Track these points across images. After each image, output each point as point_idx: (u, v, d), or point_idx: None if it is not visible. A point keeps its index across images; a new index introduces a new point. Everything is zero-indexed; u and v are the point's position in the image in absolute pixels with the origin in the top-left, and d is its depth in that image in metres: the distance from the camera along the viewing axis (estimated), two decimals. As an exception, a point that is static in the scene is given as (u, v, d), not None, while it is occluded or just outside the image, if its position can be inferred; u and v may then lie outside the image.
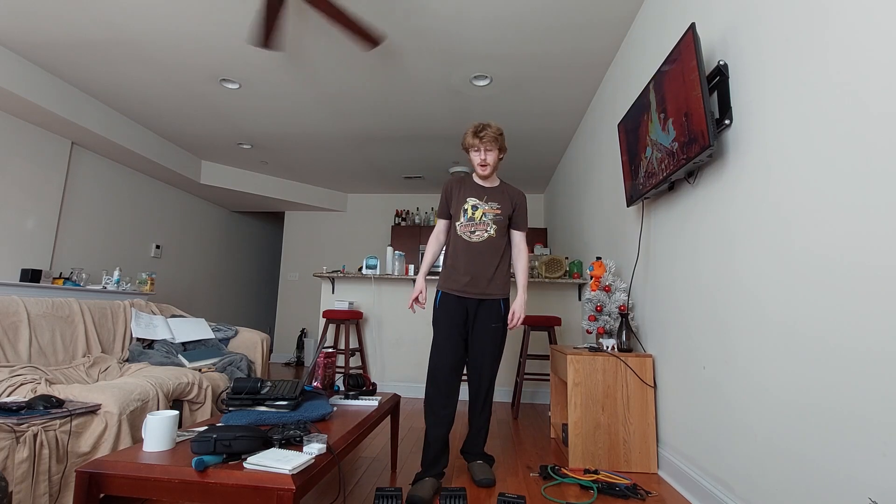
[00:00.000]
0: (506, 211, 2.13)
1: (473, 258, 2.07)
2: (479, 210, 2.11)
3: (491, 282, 2.07)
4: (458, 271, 2.08)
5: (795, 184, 1.37)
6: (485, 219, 2.10)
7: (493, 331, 2.07)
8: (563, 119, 4.20)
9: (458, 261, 2.09)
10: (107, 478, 1.15)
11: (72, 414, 1.63)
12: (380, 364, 4.10)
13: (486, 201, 2.12)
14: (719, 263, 1.78)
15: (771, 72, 1.50)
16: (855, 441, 1.12)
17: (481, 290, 2.07)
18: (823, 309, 1.24)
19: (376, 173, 6.05)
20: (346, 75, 3.54)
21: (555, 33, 2.94)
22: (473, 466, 2.08)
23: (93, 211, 4.53)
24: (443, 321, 2.06)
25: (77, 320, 2.43)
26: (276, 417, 1.53)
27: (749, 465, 1.54)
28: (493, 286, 2.08)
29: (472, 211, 2.11)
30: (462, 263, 2.07)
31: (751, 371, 1.55)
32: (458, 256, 2.09)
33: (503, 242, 2.13)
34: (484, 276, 2.07)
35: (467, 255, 2.08)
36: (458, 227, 2.12)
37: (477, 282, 2.06)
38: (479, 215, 2.10)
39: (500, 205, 2.12)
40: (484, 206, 2.11)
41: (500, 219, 2.11)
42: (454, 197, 2.17)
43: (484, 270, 2.07)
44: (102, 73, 3.59)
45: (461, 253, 2.09)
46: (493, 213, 2.10)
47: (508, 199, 2.15)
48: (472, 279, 2.06)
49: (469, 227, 2.10)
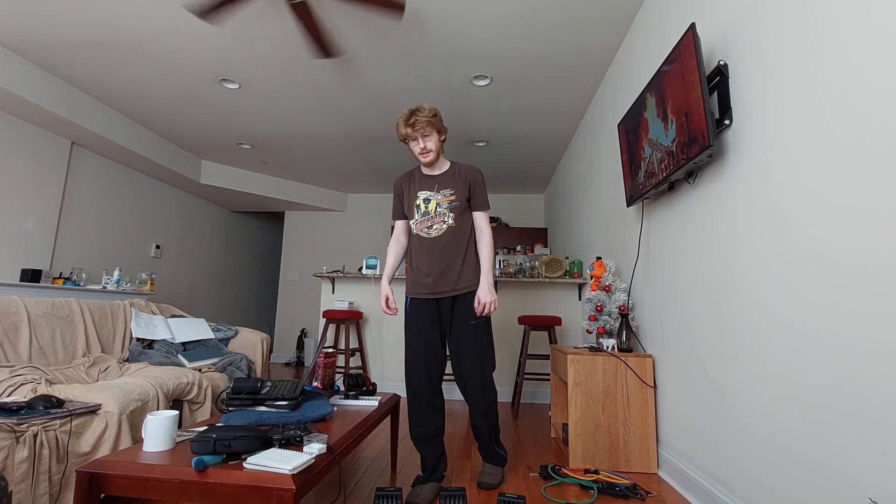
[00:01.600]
0: (461, 194, 1.95)
1: (435, 255, 1.92)
2: (431, 202, 1.95)
3: (461, 275, 1.93)
4: (422, 272, 1.94)
5: (795, 184, 1.37)
6: (440, 209, 1.93)
7: (473, 328, 1.91)
8: (563, 119, 4.20)
9: (420, 261, 1.96)
10: (107, 478, 1.15)
11: (72, 414, 1.63)
12: (380, 364, 4.10)
13: (438, 190, 1.96)
14: (719, 263, 1.78)
15: (771, 72, 1.50)
16: (855, 441, 1.12)
17: (451, 286, 1.92)
18: (823, 309, 1.24)
19: (376, 173, 6.05)
20: (345, 75, 3.54)
21: (555, 33, 2.94)
22: (483, 467, 2.05)
23: (93, 211, 4.53)
24: (413, 330, 1.93)
25: (77, 320, 2.43)
26: (276, 417, 1.52)
27: (749, 465, 1.54)
28: (463, 279, 1.93)
29: (424, 205, 1.95)
30: (425, 263, 1.94)
31: (751, 371, 1.55)
32: (420, 256, 1.96)
33: (467, 228, 1.97)
34: (452, 271, 1.92)
35: (428, 253, 1.94)
36: (413, 226, 1.99)
37: (445, 279, 1.92)
38: (433, 207, 1.94)
39: (453, 190, 1.95)
40: (437, 196, 1.95)
41: (457, 204, 1.94)
42: (405, 194, 2.03)
43: (450, 265, 1.92)
44: (102, 73, 3.59)
45: (422, 252, 1.95)
46: (447, 201, 1.94)
47: (462, 180, 1.97)
48: (439, 277, 1.92)
49: (425, 222, 1.95)
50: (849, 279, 1.15)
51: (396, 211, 2.08)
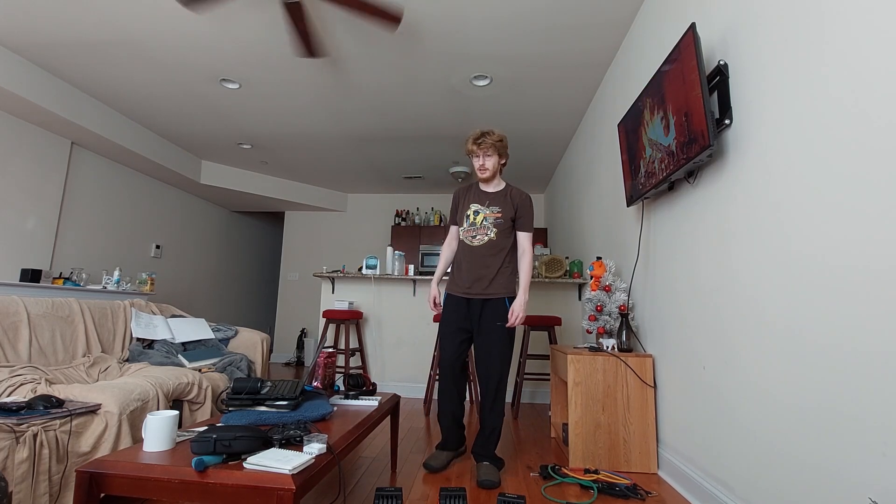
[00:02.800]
0: (507, 213, 2.20)
1: (474, 261, 2.19)
2: (480, 215, 2.22)
3: (492, 282, 2.17)
4: (461, 275, 2.22)
5: (795, 184, 1.37)
6: (485, 223, 2.21)
7: (497, 329, 2.13)
8: (563, 119, 4.20)
9: (461, 264, 2.24)
10: (107, 478, 1.15)
11: (72, 414, 1.63)
12: (380, 364, 4.10)
13: (488, 206, 2.23)
14: (719, 263, 1.78)
15: (771, 72, 1.50)
16: (855, 441, 1.12)
17: (483, 290, 2.17)
18: (822, 309, 1.24)
19: (376, 173, 6.05)
20: (346, 75, 3.54)
21: (555, 33, 2.94)
22: (480, 467, 2.08)
23: (93, 211, 4.53)
24: (445, 320, 2.24)
25: (77, 320, 2.43)
26: (276, 417, 1.53)
27: (749, 465, 1.54)
28: (494, 286, 2.17)
29: (473, 216, 2.23)
30: (465, 267, 2.21)
31: (751, 371, 1.55)
32: (462, 260, 2.24)
33: (507, 244, 2.21)
34: (486, 278, 2.17)
35: (469, 259, 2.21)
36: (461, 233, 2.27)
37: (479, 283, 2.17)
38: (480, 220, 2.22)
39: (500, 208, 2.21)
40: (485, 211, 2.22)
41: (501, 221, 2.19)
42: (460, 204, 2.32)
43: (485, 272, 2.17)
44: (102, 73, 3.59)
45: (463, 257, 2.23)
46: (493, 217, 2.20)
47: (510, 202, 2.22)
48: (475, 281, 2.18)
49: (470, 231, 2.23)
50: (847, 280, 1.15)
51: (451, 217, 2.39)
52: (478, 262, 2.19)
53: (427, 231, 6.47)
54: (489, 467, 2.06)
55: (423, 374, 4.03)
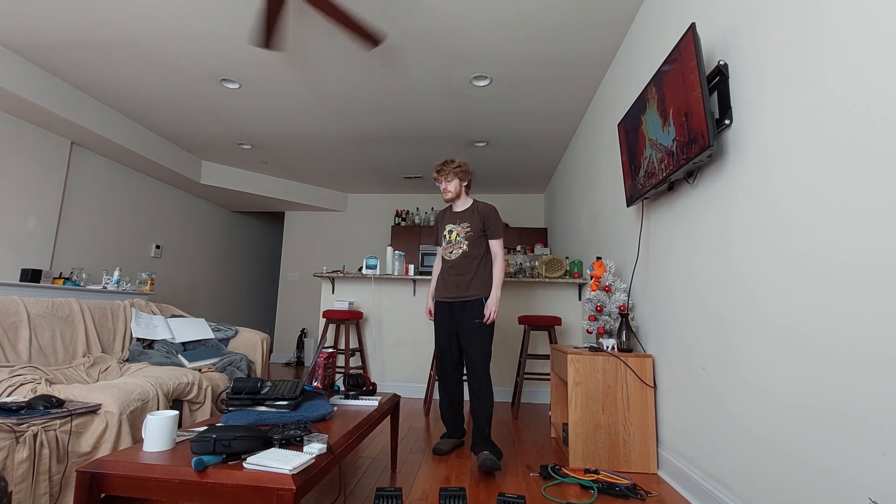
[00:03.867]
0: (476, 226, 2.52)
1: (453, 271, 2.54)
2: (453, 232, 2.57)
3: (469, 286, 2.49)
4: (444, 284, 2.57)
5: (795, 184, 1.37)
6: (458, 238, 2.54)
7: (475, 325, 2.44)
8: (563, 119, 4.20)
9: (443, 275, 2.60)
10: (107, 478, 1.15)
11: (72, 414, 1.63)
12: (380, 364, 4.10)
13: (459, 223, 2.56)
14: (719, 263, 1.78)
15: (771, 72, 1.50)
16: (854, 441, 1.12)
17: (461, 293, 2.49)
18: (822, 310, 1.24)
19: (376, 173, 6.05)
20: (346, 75, 3.54)
21: (555, 34, 2.94)
22: (479, 456, 2.18)
23: (93, 211, 4.53)
24: (437, 322, 2.60)
25: (77, 320, 2.43)
26: (276, 417, 1.53)
27: (749, 466, 1.54)
28: (471, 289, 2.48)
29: (448, 235, 2.59)
30: (446, 277, 2.57)
31: (750, 371, 1.55)
32: (444, 272, 2.60)
33: (478, 253, 2.53)
34: (463, 283, 2.50)
35: (448, 270, 2.56)
36: (442, 250, 2.63)
37: (458, 288, 2.50)
38: (454, 236, 2.56)
39: (469, 223, 2.54)
40: (457, 228, 2.56)
41: (472, 234, 2.52)
42: (439, 226, 2.69)
43: (462, 279, 2.50)
44: (102, 73, 3.59)
45: (445, 269, 2.59)
46: (464, 232, 2.54)
47: (478, 215, 2.54)
48: (454, 287, 2.52)
49: (448, 248, 2.58)
50: (847, 280, 1.15)
51: (437, 238, 2.72)
52: (456, 271, 2.52)
53: (427, 231, 6.47)
54: (486, 455, 2.16)
55: (423, 374, 4.03)
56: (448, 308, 2.53)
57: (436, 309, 2.60)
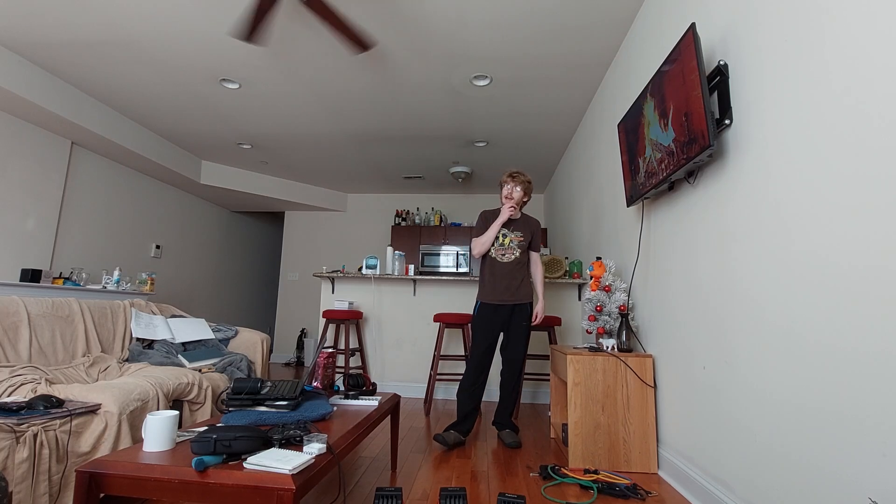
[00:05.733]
0: (527, 237, 2.77)
1: (504, 275, 2.70)
2: (507, 237, 2.73)
3: (519, 290, 2.70)
4: (494, 285, 2.71)
5: (795, 184, 1.37)
6: (511, 244, 2.73)
7: (524, 328, 2.71)
8: (563, 119, 4.20)
9: (493, 277, 2.72)
10: (107, 478, 1.15)
11: (72, 414, 1.63)
12: (380, 364, 4.10)
13: (513, 230, 2.75)
14: (719, 263, 1.78)
15: (771, 71, 1.50)
16: (854, 441, 1.12)
17: (512, 297, 2.68)
18: (822, 310, 1.24)
19: (376, 173, 6.05)
20: (346, 75, 3.54)
21: (555, 34, 2.94)
22: (503, 434, 2.63)
23: (93, 211, 4.53)
24: (481, 325, 2.70)
25: (77, 320, 2.43)
26: (276, 417, 1.52)
27: (749, 466, 1.54)
28: (521, 294, 2.70)
29: (502, 238, 2.73)
30: (496, 280, 2.70)
31: (750, 371, 1.55)
32: (493, 274, 2.72)
33: (526, 260, 2.78)
34: (513, 287, 2.69)
35: (499, 273, 2.70)
36: (492, 251, 2.74)
37: (508, 292, 2.68)
38: (508, 241, 2.73)
39: (522, 234, 2.76)
40: (511, 234, 2.74)
41: (523, 244, 2.75)
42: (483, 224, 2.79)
43: (514, 282, 2.70)
44: (102, 73, 3.59)
45: (495, 271, 2.72)
46: (517, 241, 2.73)
47: (529, 228, 2.79)
48: (505, 290, 2.68)
49: (500, 250, 2.73)
50: (847, 280, 1.15)
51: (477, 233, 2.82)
52: (508, 274, 2.69)
53: (427, 231, 6.47)
54: (510, 433, 2.62)
55: (423, 374, 4.03)
56: (498, 310, 2.69)
57: (486, 311, 2.70)
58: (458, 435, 2.55)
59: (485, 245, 2.71)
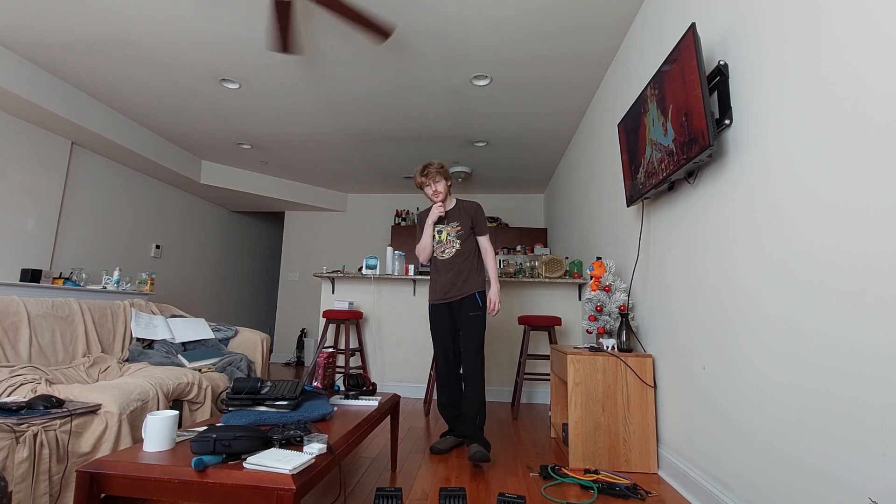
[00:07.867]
0: (465, 225, 2.59)
1: (447, 271, 2.58)
2: (443, 232, 2.60)
3: (465, 282, 2.56)
4: (439, 283, 2.60)
5: (795, 184, 1.37)
6: (449, 237, 2.59)
7: (472, 318, 2.52)
8: (562, 119, 4.20)
9: (437, 276, 2.62)
10: (107, 478, 1.15)
11: (72, 414, 1.63)
12: (380, 364, 4.10)
13: (448, 223, 2.61)
14: (719, 263, 1.78)
15: (771, 72, 1.50)
16: (854, 441, 1.12)
17: (458, 291, 2.55)
18: (822, 310, 1.24)
19: (376, 173, 6.05)
20: (346, 75, 3.54)
21: (555, 34, 2.94)
22: (471, 447, 2.29)
23: (93, 211, 4.52)
24: (434, 324, 2.62)
25: (77, 320, 2.43)
26: (276, 417, 1.52)
27: (749, 466, 1.54)
28: (466, 285, 2.56)
29: (438, 235, 2.61)
30: (441, 277, 2.60)
31: (750, 372, 1.55)
32: (437, 273, 2.62)
33: (470, 249, 2.60)
34: (459, 281, 2.56)
35: (443, 269, 2.59)
36: (423, 250, 2.64)
37: (454, 287, 2.56)
38: (445, 236, 2.60)
39: (458, 222, 2.60)
40: (447, 228, 2.60)
41: (462, 233, 2.58)
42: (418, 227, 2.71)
43: (458, 276, 2.57)
44: (102, 73, 3.59)
45: (438, 269, 2.62)
46: (454, 232, 2.59)
47: (465, 214, 2.61)
48: (451, 286, 2.56)
49: (439, 248, 2.61)
50: (848, 280, 1.15)
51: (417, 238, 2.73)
52: (451, 269, 2.57)
53: (427, 231, 6.45)
54: (477, 446, 2.27)
55: (423, 374, 4.03)
56: (447, 308, 2.58)
57: (434, 312, 2.61)
58: (454, 438, 2.53)
59: (425, 250, 2.61)
